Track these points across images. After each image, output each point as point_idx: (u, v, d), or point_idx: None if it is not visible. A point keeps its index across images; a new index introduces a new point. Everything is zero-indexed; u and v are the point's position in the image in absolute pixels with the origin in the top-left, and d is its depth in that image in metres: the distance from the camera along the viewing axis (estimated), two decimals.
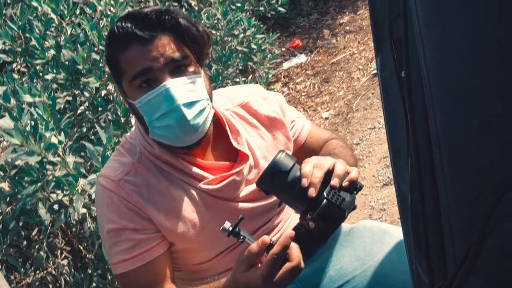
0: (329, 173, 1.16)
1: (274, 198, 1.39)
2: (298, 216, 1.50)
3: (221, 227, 1.13)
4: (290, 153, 1.35)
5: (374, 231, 1.42)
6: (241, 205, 1.34)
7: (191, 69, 1.23)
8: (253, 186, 1.34)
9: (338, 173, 1.16)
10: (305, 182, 1.14)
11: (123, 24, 1.19)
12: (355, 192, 1.18)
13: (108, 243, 1.28)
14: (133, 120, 2.29)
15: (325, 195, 1.13)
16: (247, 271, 1.09)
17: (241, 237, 1.14)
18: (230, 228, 1.13)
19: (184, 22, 1.22)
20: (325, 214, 1.12)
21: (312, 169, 1.16)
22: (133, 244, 1.25)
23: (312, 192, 1.14)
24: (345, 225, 1.49)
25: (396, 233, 1.41)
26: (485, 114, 0.57)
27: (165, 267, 1.29)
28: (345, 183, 1.15)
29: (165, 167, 1.29)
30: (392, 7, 0.77)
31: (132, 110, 1.28)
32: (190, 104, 1.21)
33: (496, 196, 0.57)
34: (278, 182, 1.20)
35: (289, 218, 1.47)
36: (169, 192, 1.28)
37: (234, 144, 1.34)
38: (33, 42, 2.34)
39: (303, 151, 1.49)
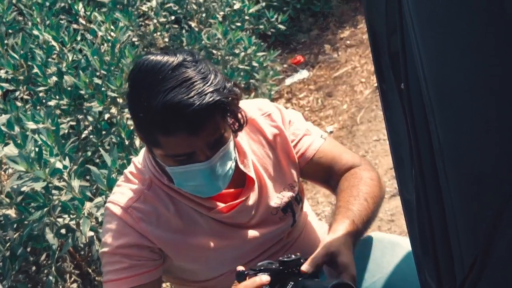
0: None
1: (287, 221, 1.38)
2: (310, 231, 1.48)
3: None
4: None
5: (384, 243, 1.41)
6: (253, 230, 1.34)
7: (226, 135, 1.20)
8: (264, 208, 1.35)
9: None
10: None
11: (171, 118, 1.09)
12: None
13: (102, 262, 1.29)
14: (137, 141, 2.29)
15: None
16: None
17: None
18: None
19: (229, 101, 1.14)
20: None
21: None
22: (124, 266, 1.25)
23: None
24: None
25: (405, 245, 1.38)
26: (485, 121, 0.57)
27: None
28: None
29: (175, 195, 1.30)
30: (388, 21, 0.77)
31: (154, 157, 1.26)
32: (224, 175, 1.23)
33: (501, 203, 0.57)
34: None
35: (301, 233, 1.47)
36: (179, 220, 1.29)
37: (241, 167, 1.33)
38: (35, 70, 2.36)
39: (311, 168, 1.42)
